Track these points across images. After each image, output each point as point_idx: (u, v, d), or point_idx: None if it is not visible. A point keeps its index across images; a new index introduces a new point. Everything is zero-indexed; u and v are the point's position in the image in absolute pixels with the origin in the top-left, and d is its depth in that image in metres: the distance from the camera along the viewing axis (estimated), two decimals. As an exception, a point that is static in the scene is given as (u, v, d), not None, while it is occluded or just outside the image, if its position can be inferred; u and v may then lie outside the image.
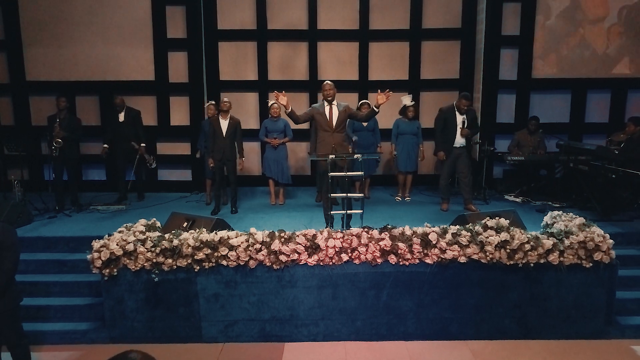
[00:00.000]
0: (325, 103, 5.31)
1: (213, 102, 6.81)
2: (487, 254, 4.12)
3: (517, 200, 7.00)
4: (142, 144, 7.01)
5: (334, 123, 5.24)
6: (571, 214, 4.78)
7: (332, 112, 5.28)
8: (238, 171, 6.50)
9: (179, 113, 7.87)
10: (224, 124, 6.31)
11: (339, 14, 7.94)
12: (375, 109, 5.10)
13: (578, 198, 6.37)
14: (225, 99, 6.39)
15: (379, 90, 5.05)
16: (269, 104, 6.90)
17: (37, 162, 7.81)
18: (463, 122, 6.30)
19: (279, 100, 5.09)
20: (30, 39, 7.63)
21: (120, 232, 4.45)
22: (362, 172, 4.93)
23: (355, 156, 4.80)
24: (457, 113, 6.31)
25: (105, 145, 6.93)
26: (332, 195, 4.87)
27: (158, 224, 4.81)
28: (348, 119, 5.42)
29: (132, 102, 7.35)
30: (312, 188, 7.58)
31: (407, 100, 7.04)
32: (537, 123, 7.27)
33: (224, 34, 7.94)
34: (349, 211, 4.77)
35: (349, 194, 4.72)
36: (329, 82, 5.35)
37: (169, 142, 7.92)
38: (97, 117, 7.84)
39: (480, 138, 7.49)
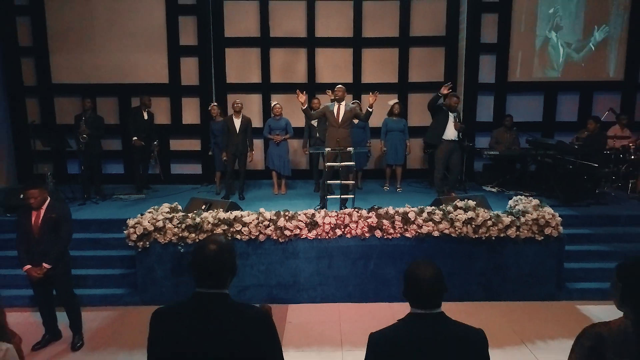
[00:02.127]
0: (335, 102, 6.21)
1: (215, 104, 7.69)
2: (456, 228, 4.97)
3: (494, 190, 7.85)
4: (156, 142, 7.87)
5: (340, 119, 6.15)
6: (530, 198, 5.63)
7: (340, 110, 6.20)
8: (247, 163, 7.36)
9: (190, 113, 8.71)
10: (237, 122, 7.18)
11: (335, 23, 8.77)
12: (369, 109, 6.01)
13: (545, 187, 7.23)
14: (238, 101, 7.27)
15: (370, 93, 5.97)
16: (272, 105, 7.73)
17: (62, 156, 8.61)
18: (455, 118, 6.93)
19: (299, 99, 5.98)
20: (55, 45, 8.44)
21: (150, 212, 5.27)
22: (354, 162, 5.79)
23: (348, 149, 5.65)
24: (448, 111, 6.96)
25: (135, 137, 7.64)
26: (328, 182, 5.72)
27: (180, 207, 5.64)
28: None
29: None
30: (311, 180, 8.40)
31: (391, 102, 7.90)
32: (511, 119, 8.12)
33: (230, 41, 8.77)
34: (342, 195, 5.63)
35: (343, 181, 5.58)
36: (340, 85, 6.32)
37: (180, 139, 8.74)
38: (116, 117, 8.65)
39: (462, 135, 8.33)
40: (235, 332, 1.66)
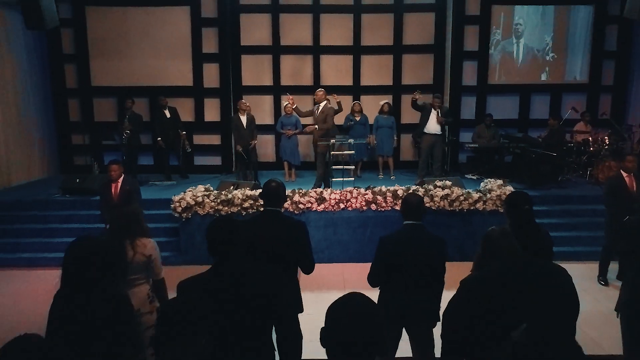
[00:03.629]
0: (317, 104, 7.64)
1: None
2: (435, 202, 6.26)
3: (474, 177, 9.12)
4: (184, 132, 9.11)
5: (317, 117, 7.56)
6: (499, 180, 6.92)
7: (318, 110, 7.58)
8: (251, 146, 8.45)
9: (211, 111, 10.00)
10: (244, 119, 8.42)
11: (337, 33, 10.05)
12: (335, 107, 7.63)
13: (516, 174, 8.50)
14: (244, 101, 8.58)
15: (333, 94, 7.46)
16: (284, 105, 9.01)
17: (100, 150, 9.85)
18: (437, 114, 8.27)
19: (289, 100, 7.42)
20: (95, 53, 9.71)
21: (190, 191, 6.55)
22: (354, 151, 7.08)
23: (349, 140, 6.95)
24: (432, 109, 8.34)
25: (159, 138, 8.95)
26: (333, 167, 7.03)
27: (212, 188, 6.91)
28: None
29: (174, 103, 9.41)
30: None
31: (382, 102, 9.21)
32: (491, 118, 9.40)
33: (246, 49, 10.04)
34: (345, 178, 6.94)
35: (345, 166, 6.88)
36: (319, 89, 7.79)
37: (203, 135, 10.01)
38: (146, 115, 9.91)
39: (449, 131, 9.62)
40: (287, 231, 2.96)
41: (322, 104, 7.55)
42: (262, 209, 6.26)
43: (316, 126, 7.54)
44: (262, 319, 2.16)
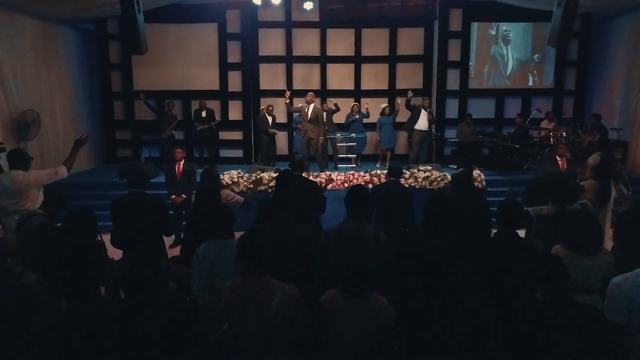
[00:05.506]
0: (307, 104, 9.32)
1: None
2: (418, 182, 8.05)
3: (454, 167, 10.90)
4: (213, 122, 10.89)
5: (309, 117, 9.21)
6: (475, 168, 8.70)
7: (309, 110, 9.26)
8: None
9: (234, 112, 11.80)
10: (269, 118, 10.24)
11: (341, 45, 11.83)
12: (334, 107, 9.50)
13: (490, 163, 10.28)
14: (270, 106, 10.35)
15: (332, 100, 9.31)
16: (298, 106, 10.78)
17: (138, 144, 11.61)
18: (427, 114, 10.12)
19: (286, 94, 9.49)
20: (137, 62, 11.48)
21: (227, 174, 8.33)
22: (355, 143, 8.89)
23: (351, 134, 8.75)
24: (422, 109, 10.17)
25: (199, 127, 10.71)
26: (340, 155, 8.84)
27: (241, 173, 8.69)
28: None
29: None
30: (323, 161, 11.44)
31: (382, 105, 10.99)
32: (470, 117, 11.18)
33: (263, 59, 11.82)
34: (349, 165, 8.73)
35: (348, 154, 8.68)
36: (310, 92, 9.55)
37: (227, 131, 11.80)
38: (180, 114, 11.68)
39: (435, 128, 11.41)
40: (309, 186, 4.78)
41: (312, 105, 9.30)
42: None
43: (308, 124, 9.28)
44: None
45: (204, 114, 10.79)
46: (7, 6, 8.59)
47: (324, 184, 8.07)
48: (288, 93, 9.80)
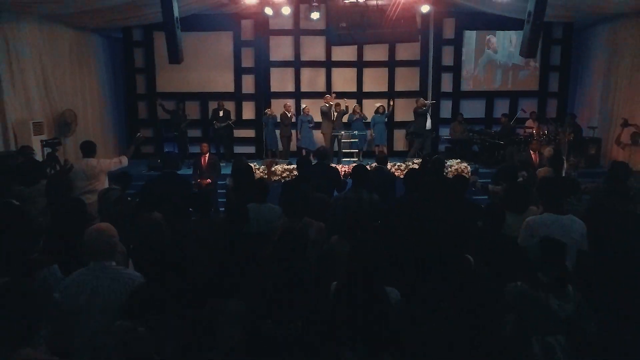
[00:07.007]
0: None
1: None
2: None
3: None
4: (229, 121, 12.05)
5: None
6: (457, 160, 9.84)
7: (335, 111, 10.49)
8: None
9: (248, 111, 12.96)
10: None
11: (345, 51, 12.92)
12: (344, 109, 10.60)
13: (478, 158, 11.41)
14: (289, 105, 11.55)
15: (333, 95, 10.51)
16: (303, 107, 11.93)
17: (160, 141, 12.77)
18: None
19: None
20: (159, 66, 12.64)
21: (244, 165, 9.49)
22: (357, 140, 10.07)
23: (354, 132, 9.93)
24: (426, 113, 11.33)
25: (218, 125, 11.85)
26: (343, 150, 10.01)
27: (257, 165, 9.85)
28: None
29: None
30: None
31: (377, 104, 12.14)
32: (462, 117, 12.31)
33: (274, 63, 12.95)
34: (352, 159, 9.90)
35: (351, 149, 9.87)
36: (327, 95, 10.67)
37: (241, 129, 12.95)
38: (197, 114, 12.85)
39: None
40: (331, 172, 5.95)
41: (334, 105, 10.49)
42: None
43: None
44: None
45: (221, 113, 11.95)
46: (48, 18, 9.77)
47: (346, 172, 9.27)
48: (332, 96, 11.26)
